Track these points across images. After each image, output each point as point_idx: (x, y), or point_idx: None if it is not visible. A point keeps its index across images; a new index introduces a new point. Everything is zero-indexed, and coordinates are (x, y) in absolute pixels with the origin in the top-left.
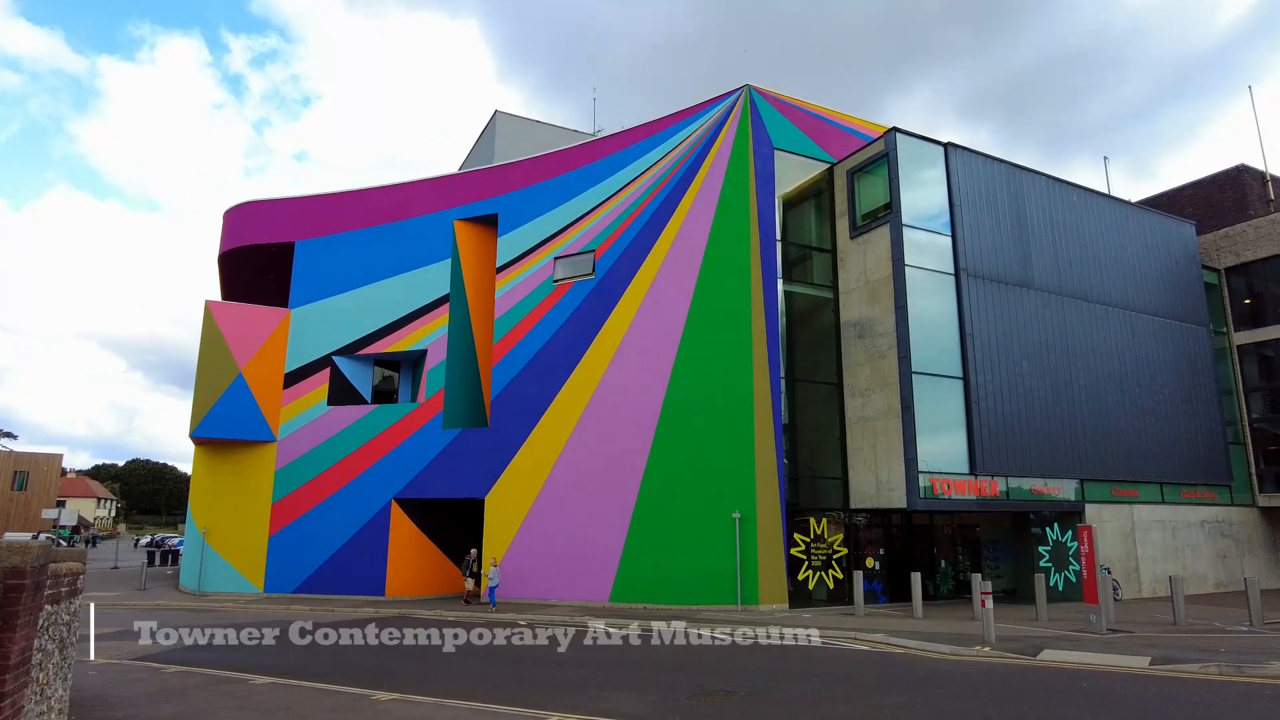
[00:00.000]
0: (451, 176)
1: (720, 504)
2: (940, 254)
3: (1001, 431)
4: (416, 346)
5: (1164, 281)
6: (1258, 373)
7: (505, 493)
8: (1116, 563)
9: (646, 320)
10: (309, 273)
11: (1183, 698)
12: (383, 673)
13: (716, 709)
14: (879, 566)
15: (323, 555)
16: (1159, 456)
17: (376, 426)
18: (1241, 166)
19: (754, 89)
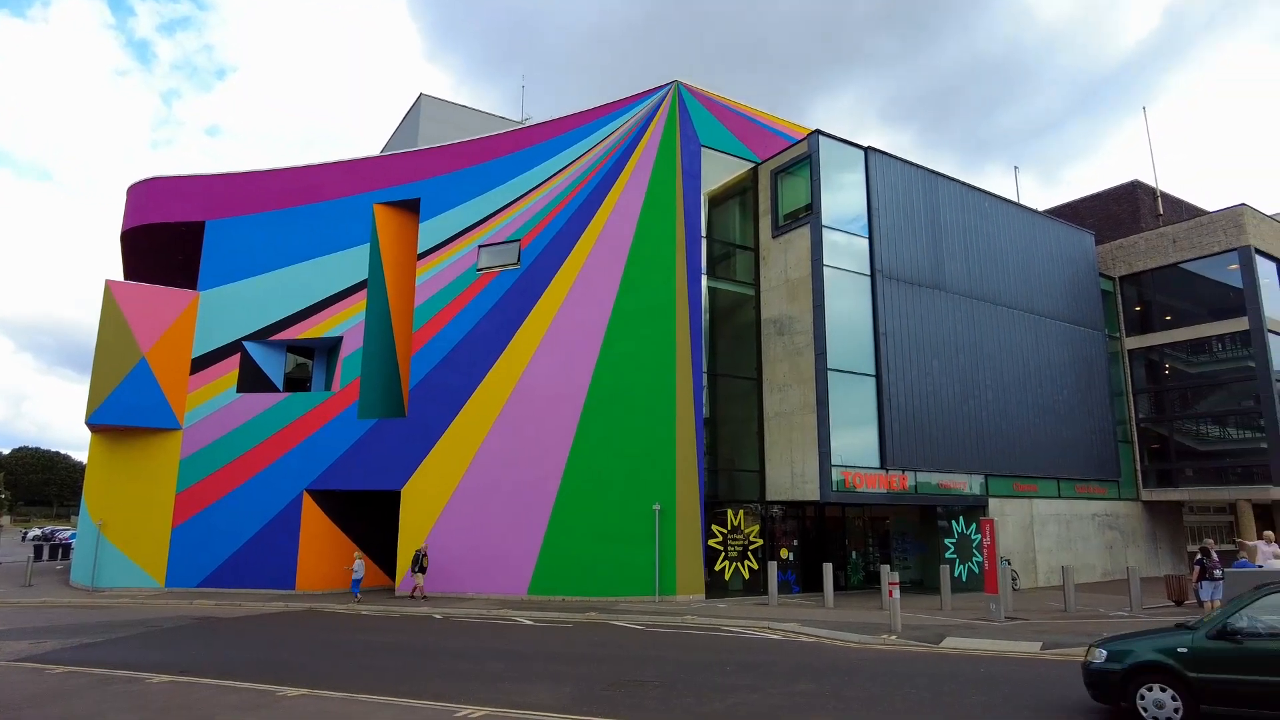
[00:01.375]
0: (373, 159)
1: (641, 496)
2: (858, 255)
3: (911, 428)
4: (332, 333)
5: (1065, 287)
6: (1145, 375)
7: (423, 485)
8: (1016, 554)
9: (572, 312)
10: (220, 254)
11: (1066, 678)
12: (291, 668)
13: (631, 699)
14: (793, 557)
15: (230, 548)
16: (1057, 453)
17: (288, 415)
18: (1136, 182)
19: (683, 85)
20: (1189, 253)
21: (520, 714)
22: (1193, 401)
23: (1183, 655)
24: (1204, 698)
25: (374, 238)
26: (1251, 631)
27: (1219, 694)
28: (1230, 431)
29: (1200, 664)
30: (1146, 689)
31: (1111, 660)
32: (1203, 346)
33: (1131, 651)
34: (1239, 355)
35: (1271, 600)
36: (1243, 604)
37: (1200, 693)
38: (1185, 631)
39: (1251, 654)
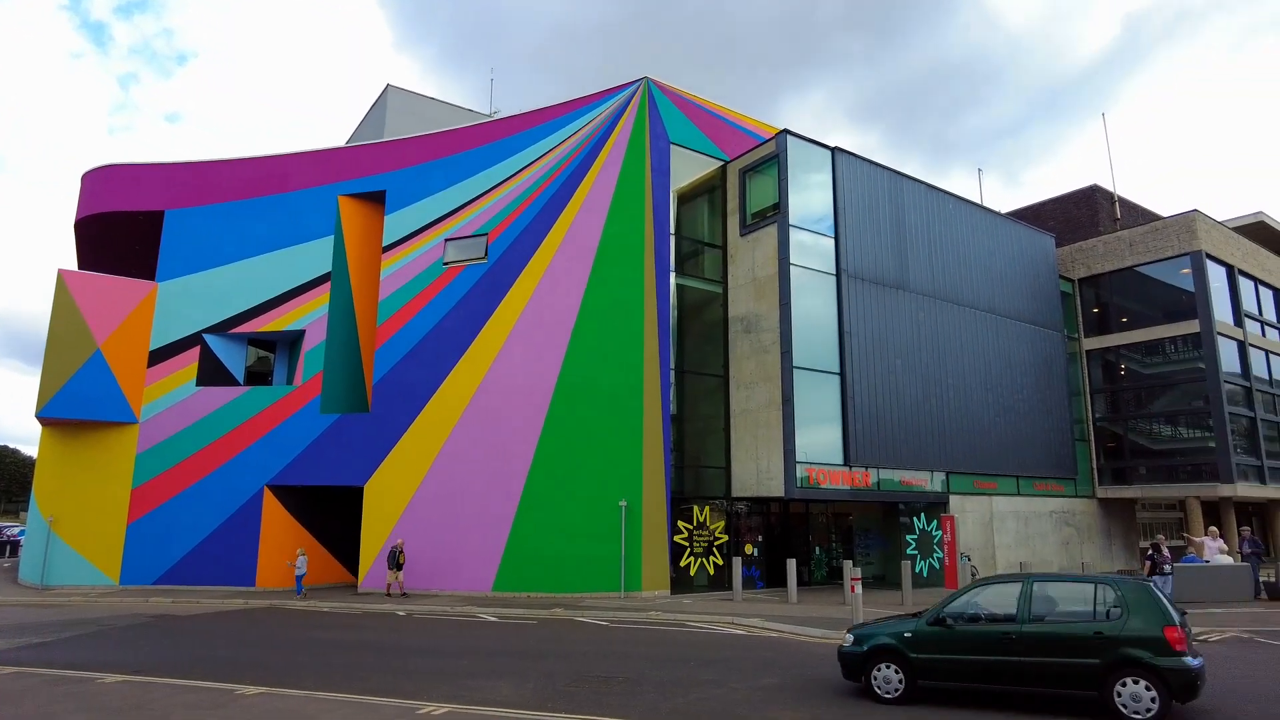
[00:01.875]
0: (338, 150)
1: (607, 493)
2: (824, 255)
3: (874, 425)
4: (294, 326)
5: (1026, 289)
6: (1102, 376)
7: (386, 480)
8: (976, 550)
9: (540, 308)
10: (179, 244)
11: None
12: (250, 666)
13: (594, 694)
14: (758, 553)
15: (188, 544)
16: (1016, 452)
17: (249, 409)
18: (1095, 186)
19: (653, 82)
20: (1144, 256)
21: (483, 710)
22: (1147, 401)
23: (907, 639)
24: (921, 674)
25: (338, 230)
26: (957, 618)
27: (931, 670)
28: (1181, 431)
29: (919, 646)
30: (879, 668)
31: (856, 644)
32: (1157, 348)
33: (871, 636)
34: (1190, 357)
35: (976, 593)
36: (956, 595)
37: (918, 670)
38: (913, 620)
39: (956, 637)
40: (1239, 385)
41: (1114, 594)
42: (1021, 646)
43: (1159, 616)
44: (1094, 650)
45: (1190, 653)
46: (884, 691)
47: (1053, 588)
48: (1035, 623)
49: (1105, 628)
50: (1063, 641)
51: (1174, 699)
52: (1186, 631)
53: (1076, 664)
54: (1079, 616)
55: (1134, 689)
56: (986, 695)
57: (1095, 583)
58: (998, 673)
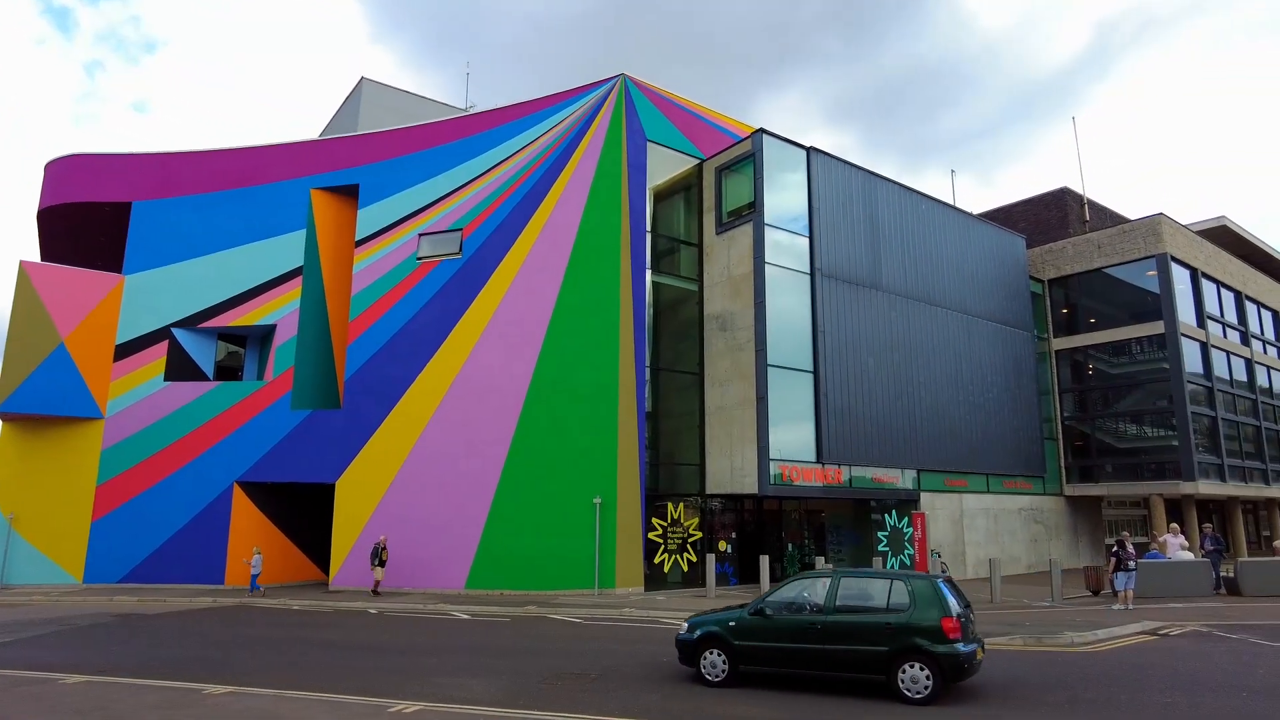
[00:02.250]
0: (311, 142)
1: (582, 490)
2: (798, 254)
3: (847, 423)
4: (265, 321)
5: (997, 289)
6: (1070, 375)
7: (358, 477)
8: (946, 547)
9: (515, 304)
10: (147, 236)
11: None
12: (217, 665)
13: (567, 692)
14: (731, 550)
15: (155, 542)
16: (986, 450)
17: (219, 405)
18: (1065, 189)
19: (629, 79)
20: (1112, 258)
21: (454, 708)
22: (1113, 401)
23: (730, 628)
24: (742, 659)
25: (310, 223)
26: (775, 608)
27: (751, 656)
28: (1146, 430)
29: (741, 634)
30: (707, 654)
31: (689, 632)
32: (1123, 348)
33: (701, 625)
34: (1155, 357)
35: (791, 585)
36: (776, 588)
37: (740, 655)
38: (739, 610)
39: (772, 626)
40: (1201, 385)
41: (905, 588)
42: (825, 635)
43: (939, 609)
44: (884, 639)
45: (965, 640)
46: (711, 675)
47: (856, 583)
48: (838, 614)
49: (894, 619)
50: (859, 630)
51: (946, 680)
52: (963, 621)
53: (869, 651)
54: (875, 609)
55: (913, 672)
56: (798, 679)
57: (891, 578)
58: (805, 658)
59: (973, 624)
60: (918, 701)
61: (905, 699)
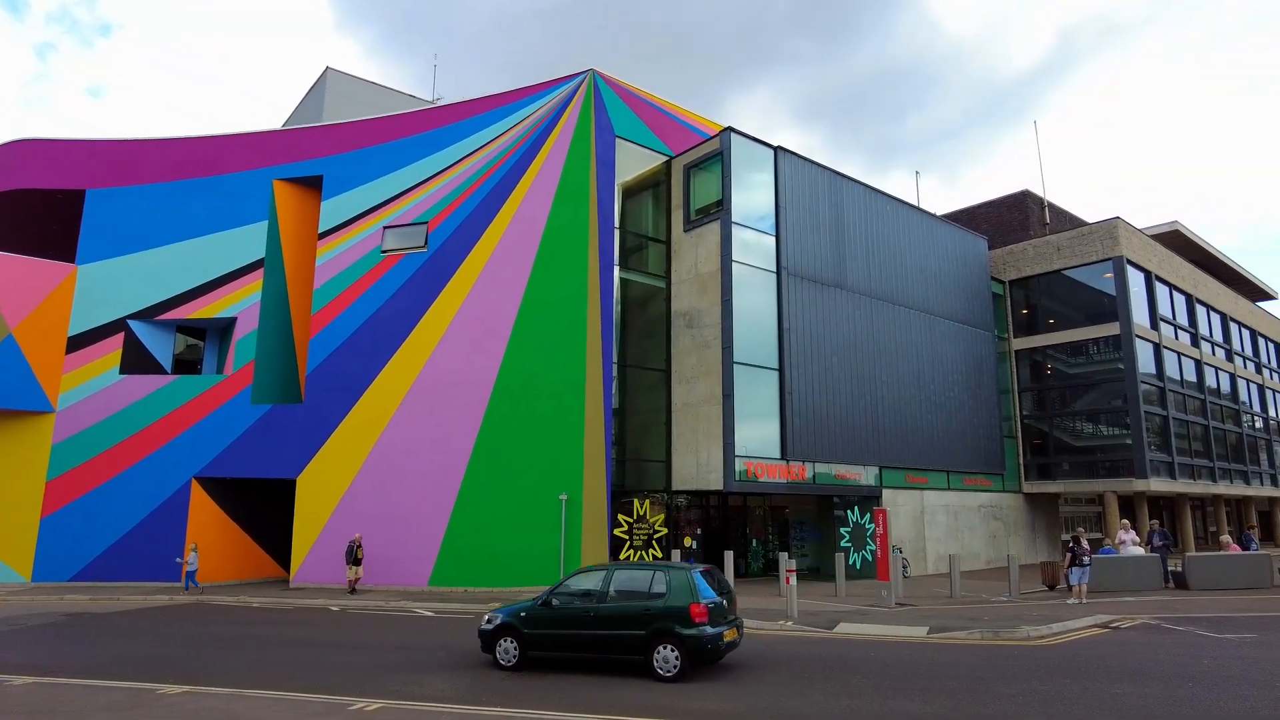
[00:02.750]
0: (274, 132)
1: (547, 486)
2: (765, 252)
3: (811, 420)
4: (225, 314)
5: (959, 289)
6: (1029, 375)
7: (320, 473)
8: (908, 543)
9: (481, 298)
10: (102, 225)
11: (948, 659)
12: (173, 664)
13: (530, 687)
14: (696, 546)
15: (108, 539)
16: (947, 447)
17: (177, 399)
18: (1026, 191)
19: (598, 74)
20: (1071, 260)
21: (417, 705)
22: (1070, 400)
23: (521, 618)
24: (531, 646)
25: (273, 215)
26: (558, 598)
27: (537, 642)
28: (1102, 429)
29: (530, 623)
30: (501, 641)
31: (488, 624)
32: (1081, 349)
33: (498, 616)
34: (1111, 358)
35: (575, 578)
36: (563, 580)
37: (529, 642)
38: (530, 602)
39: (555, 615)
40: (1154, 385)
41: (664, 578)
42: (598, 622)
43: (689, 596)
44: (643, 623)
45: (712, 624)
46: (504, 660)
47: (627, 574)
48: (610, 602)
49: (652, 605)
50: (624, 617)
51: (693, 661)
52: (712, 608)
53: (631, 634)
54: (638, 597)
55: (665, 653)
56: (577, 662)
57: (653, 569)
58: (582, 643)
59: (727, 611)
60: (668, 679)
61: (659, 677)
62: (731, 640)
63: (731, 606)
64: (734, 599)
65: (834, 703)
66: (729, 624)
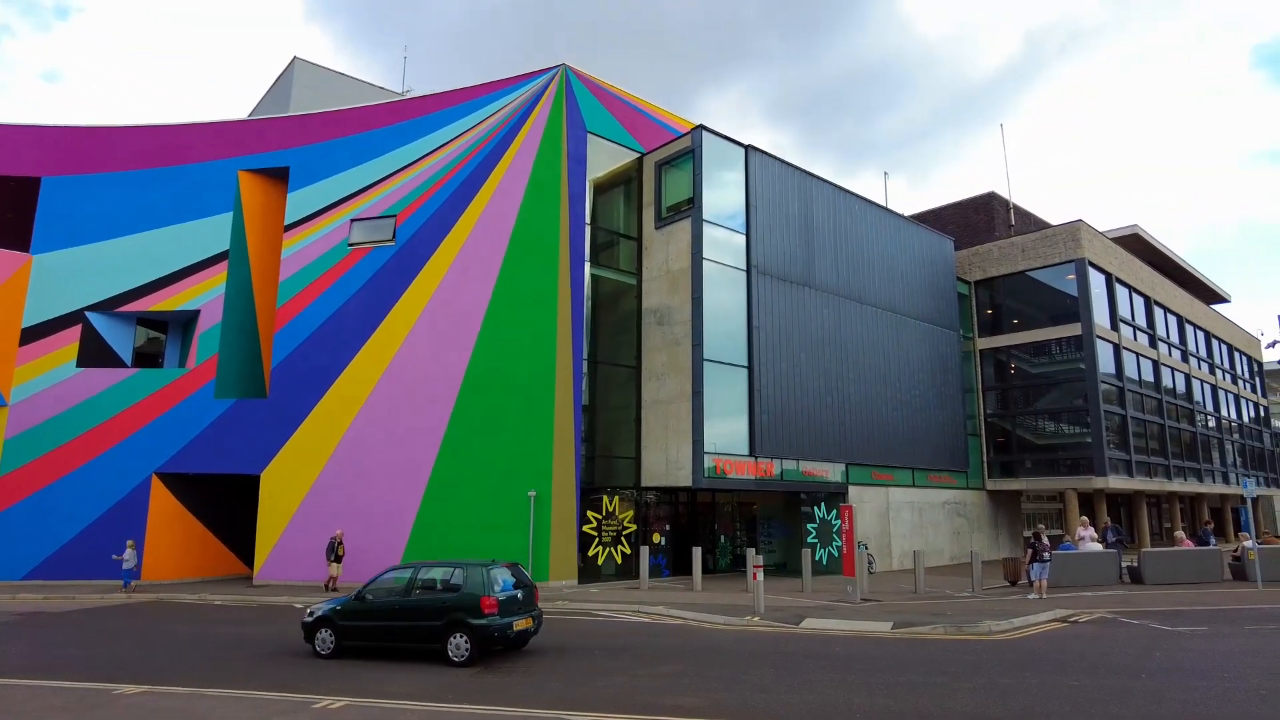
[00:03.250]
0: (240, 122)
1: (516, 483)
2: (735, 251)
3: (779, 418)
4: (188, 306)
5: (926, 289)
6: (994, 374)
7: (284, 469)
8: (873, 539)
9: (450, 293)
10: (59, 214)
11: (912, 654)
12: (130, 664)
13: (496, 685)
14: (665, 542)
15: (64, 536)
16: (913, 445)
17: (137, 393)
18: (992, 193)
19: (570, 69)
20: (1035, 262)
21: (381, 703)
22: (1033, 399)
23: (337, 611)
24: (346, 636)
25: (237, 206)
26: (371, 593)
27: (351, 633)
28: (1063, 427)
29: (344, 616)
30: (319, 633)
31: (309, 616)
32: (1043, 349)
33: (318, 610)
34: (1073, 358)
35: (387, 574)
36: (376, 577)
37: (344, 633)
38: (347, 597)
39: (367, 608)
40: (1114, 385)
41: (461, 574)
42: (403, 614)
43: (481, 589)
44: (440, 615)
45: (501, 615)
46: (321, 650)
47: (430, 570)
48: (414, 597)
49: (448, 599)
50: (425, 609)
51: (482, 648)
52: (503, 600)
53: (430, 625)
54: (438, 591)
55: (457, 641)
56: (386, 650)
57: (453, 566)
58: (389, 633)
59: (524, 603)
60: (460, 664)
61: (452, 663)
62: (525, 629)
63: (530, 600)
64: (534, 592)
65: (798, 698)
66: (523, 615)
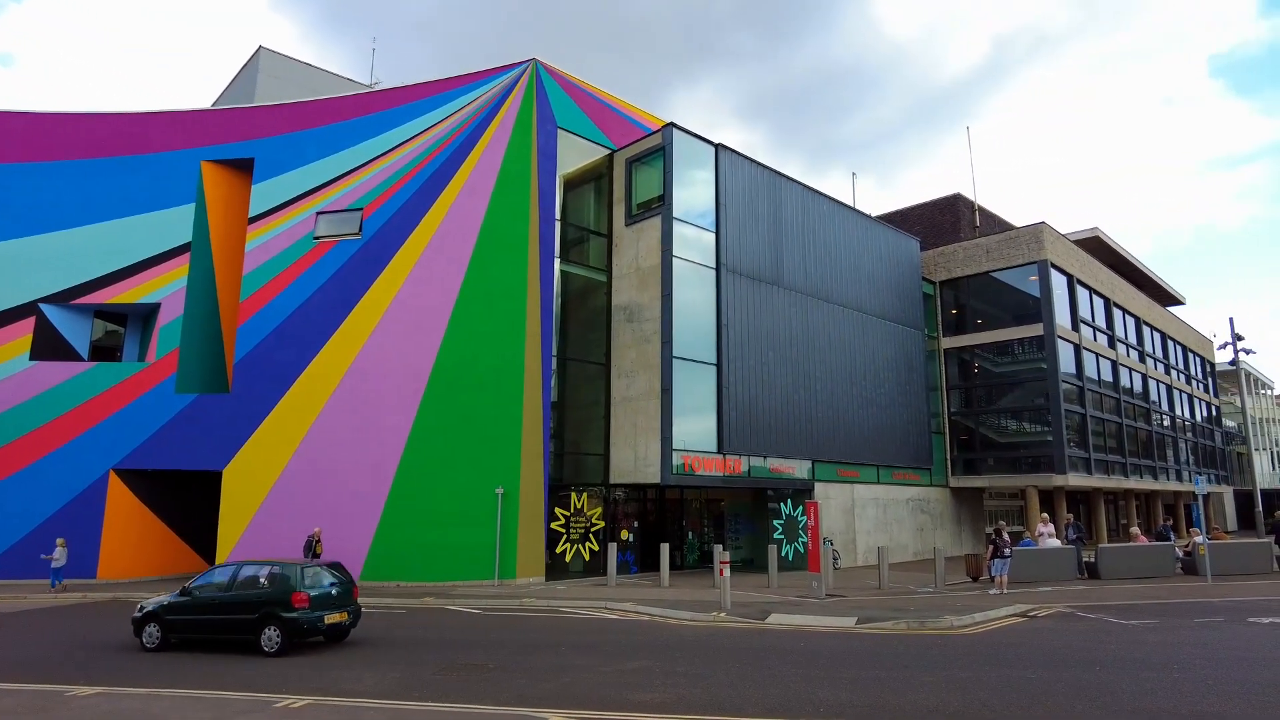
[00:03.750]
0: (203, 112)
1: (484, 479)
2: (705, 249)
3: (747, 415)
4: (148, 299)
5: (892, 289)
6: (958, 373)
7: (247, 465)
8: (838, 535)
9: (417, 288)
10: (10, 203)
11: (875, 649)
12: (84, 665)
13: (462, 682)
14: (633, 539)
15: (15, 534)
16: (878, 442)
17: (94, 387)
18: (958, 195)
19: (541, 64)
20: (999, 263)
21: (344, 701)
22: (996, 398)
23: (165, 606)
24: (171, 630)
25: (200, 197)
26: (197, 590)
27: (175, 627)
28: (1025, 426)
29: (171, 611)
30: (147, 627)
31: (139, 611)
32: (1006, 348)
33: (147, 605)
34: (1035, 358)
35: (211, 572)
36: (202, 574)
37: (169, 628)
38: (175, 594)
39: (192, 604)
40: (1074, 384)
41: (277, 572)
42: (223, 608)
43: (293, 586)
44: (255, 609)
45: (312, 609)
46: (148, 643)
47: (250, 568)
48: (233, 593)
49: (263, 594)
50: (242, 604)
51: (292, 639)
52: (314, 595)
53: (245, 619)
54: (255, 587)
55: (269, 633)
56: (209, 643)
57: (270, 565)
58: (211, 627)
59: (340, 599)
60: (272, 654)
61: (264, 653)
62: (338, 623)
63: (348, 596)
64: (353, 589)
65: (762, 692)
66: (339, 609)
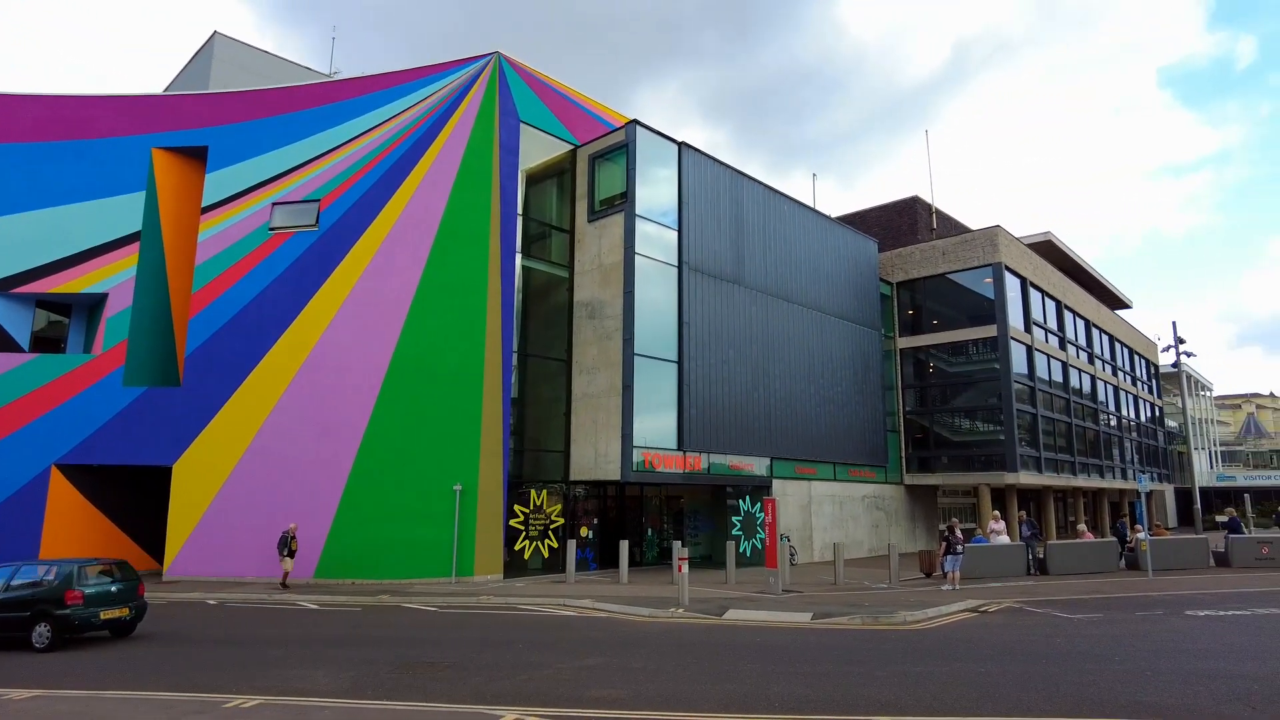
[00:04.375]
0: (155, 97)
1: (442, 476)
2: (667, 246)
3: (707, 412)
4: (95, 289)
5: (850, 289)
6: (913, 372)
7: (198, 460)
8: (795, 531)
9: (375, 281)
10: None
11: (830, 644)
12: (20, 666)
13: (417, 681)
14: (592, 536)
15: None
16: (835, 440)
17: (35, 379)
18: (915, 197)
19: (504, 58)
20: (954, 265)
21: (296, 700)
22: (950, 397)
23: None
24: None
25: (151, 185)
26: None
27: None
28: (978, 425)
29: None
30: None
31: None
32: (961, 349)
33: None
34: (988, 358)
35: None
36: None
37: None
38: None
39: None
40: (1026, 385)
41: (55, 571)
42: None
43: (67, 584)
44: (29, 607)
45: (85, 606)
46: None
47: (29, 568)
48: (10, 592)
49: (39, 592)
50: (17, 603)
51: (63, 636)
52: (91, 593)
53: (20, 616)
54: (32, 587)
55: (40, 630)
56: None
57: (48, 564)
58: None
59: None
60: (42, 650)
61: (35, 649)
62: (117, 617)
63: (132, 593)
64: (137, 586)
65: (718, 687)
66: (118, 605)
